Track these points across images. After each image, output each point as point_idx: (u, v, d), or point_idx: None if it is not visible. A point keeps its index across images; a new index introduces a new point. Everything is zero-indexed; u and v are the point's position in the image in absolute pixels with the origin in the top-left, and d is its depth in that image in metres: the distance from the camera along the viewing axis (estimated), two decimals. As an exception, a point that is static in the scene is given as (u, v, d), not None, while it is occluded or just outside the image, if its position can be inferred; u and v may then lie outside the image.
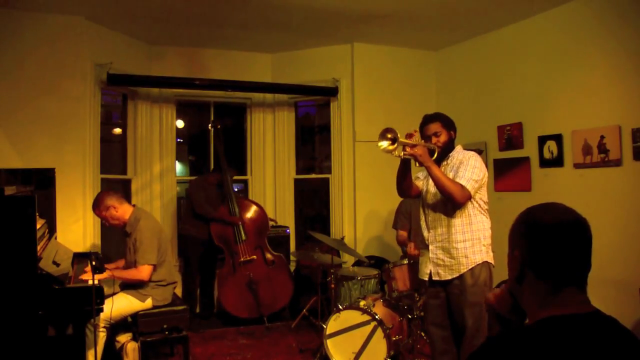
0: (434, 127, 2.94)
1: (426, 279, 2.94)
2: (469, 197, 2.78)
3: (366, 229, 5.42)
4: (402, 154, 2.77)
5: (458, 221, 2.84)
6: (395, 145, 2.65)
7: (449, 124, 2.97)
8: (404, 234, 4.42)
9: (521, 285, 1.20)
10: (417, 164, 2.85)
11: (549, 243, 1.16)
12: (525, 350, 1.05)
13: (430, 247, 2.93)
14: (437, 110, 3.19)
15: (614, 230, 3.82)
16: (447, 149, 2.94)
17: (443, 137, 2.92)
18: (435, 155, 2.88)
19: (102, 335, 3.26)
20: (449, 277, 2.84)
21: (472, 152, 2.93)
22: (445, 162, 2.94)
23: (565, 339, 1.06)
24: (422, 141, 2.85)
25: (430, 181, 2.96)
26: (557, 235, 1.16)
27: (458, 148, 3.00)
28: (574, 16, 4.12)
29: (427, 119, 2.99)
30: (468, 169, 2.80)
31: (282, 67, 5.72)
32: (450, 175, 2.85)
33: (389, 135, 2.68)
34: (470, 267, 2.79)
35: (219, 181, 5.03)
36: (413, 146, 2.74)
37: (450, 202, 2.80)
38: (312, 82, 5.47)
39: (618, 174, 3.80)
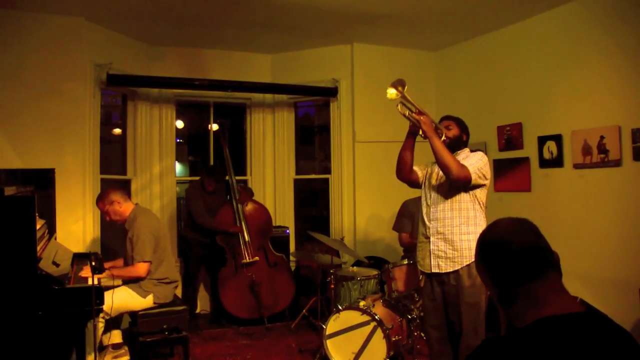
0: (448, 122, 3.00)
1: (429, 271, 2.92)
2: (468, 177, 2.76)
3: (366, 229, 5.42)
4: (407, 112, 2.78)
5: (463, 213, 2.84)
6: (403, 95, 2.68)
7: (462, 126, 3.03)
8: (406, 236, 4.41)
9: (510, 306, 1.22)
10: (421, 134, 2.84)
11: (502, 255, 1.23)
12: (521, 352, 1.06)
13: (432, 238, 2.90)
14: (437, 110, 3.21)
15: (613, 230, 3.82)
16: (454, 145, 2.93)
17: (453, 132, 2.96)
18: (442, 138, 2.86)
19: (100, 326, 3.29)
20: (450, 270, 2.83)
21: (481, 152, 2.97)
22: None
23: (559, 339, 1.06)
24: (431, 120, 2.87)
25: (434, 170, 2.96)
26: (503, 244, 1.24)
27: (466, 150, 3.00)
28: (574, 17, 4.12)
29: (444, 116, 3.06)
30: (473, 159, 2.84)
31: (282, 67, 5.72)
32: None
33: (399, 88, 2.71)
34: (472, 260, 2.77)
35: (216, 187, 4.94)
36: (420, 113, 2.76)
37: (449, 179, 2.79)
38: (312, 82, 5.47)
39: (618, 174, 3.80)
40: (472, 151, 3.01)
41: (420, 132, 2.84)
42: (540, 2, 4.20)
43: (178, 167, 5.96)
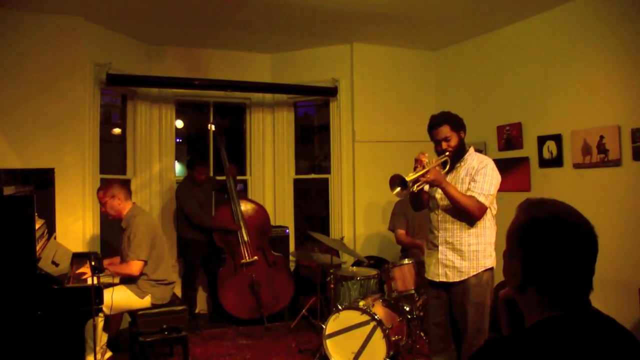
0: (443, 131, 2.84)
1: (437, 280, 2.89)
2: (485, 211, 2.76)
3: (365, 229, 5.42)
4: (415, 188, 2.75)
5: (472, 223, 2.82)
6: (407, 186, 2.65)
7: (457, 125, 2.87)
8: (403, 232, 4.44)
9: (523, 292, 1.17)
10: (429, 187, 2.86)
11: (551, 260, 1.11)
12: (525, 352, 1.05)
13: (440, 247, 2.88)
14: (437, 110, 3.16)
15: (613, 230, 3.82)
16: (459, 152, 2.87)
17: (454, 141, 2.84)
18: (448, 167, 2.85)
19: (100, 325, 3.28)
20: (457, 280, 2.81)
21: (489, 159, 2.88)
22: (459, 164, 2.89)
23: (564, 340, 1.06)
24: (432, 160, 2.78)
25: None
26: (562, 250, 1.12)
27: (471, 150, 2.94)
28: (573, 16, 4.12)
29: (435, 122, 2.88)
30: (486, 181, 2.76)
31: (281, 67, 5.72)
32: (466, 180, 2.81)
33: (397, 181, 2.67)
34: (479, 270, 2.78)
35: (208, 177, 4.94)
36: (425, 174, 2.69)
37: (466, 217, 2.78)
38: (312, 82, 5.47)
39: (617, 174, 3.80)
40: (476, 150, 2.99)
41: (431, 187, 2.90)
42: (540, 2, 4.20)
43: (177, 167, 5.95)
